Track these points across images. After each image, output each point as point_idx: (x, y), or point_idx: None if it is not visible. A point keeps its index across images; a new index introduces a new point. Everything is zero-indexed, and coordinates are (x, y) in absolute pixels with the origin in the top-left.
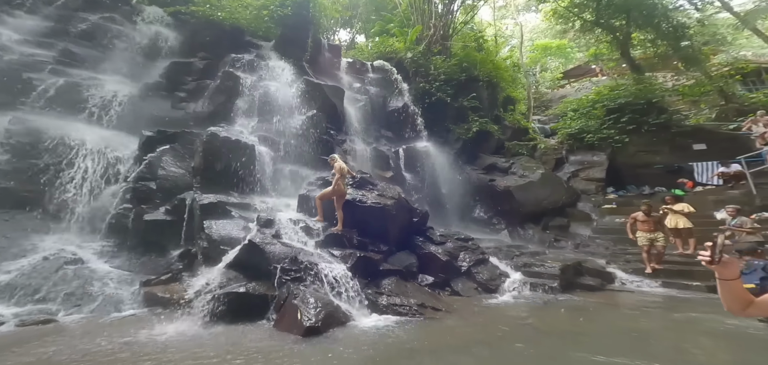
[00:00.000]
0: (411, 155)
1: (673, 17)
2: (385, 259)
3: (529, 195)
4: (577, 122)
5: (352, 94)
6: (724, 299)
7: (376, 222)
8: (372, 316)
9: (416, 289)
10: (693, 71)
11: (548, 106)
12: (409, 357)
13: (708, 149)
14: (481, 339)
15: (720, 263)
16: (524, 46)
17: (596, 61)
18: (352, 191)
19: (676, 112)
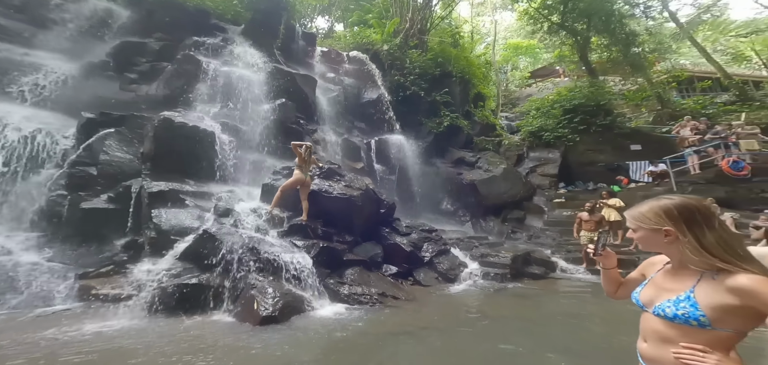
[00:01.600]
0: (383, 146)
1: (627, 24)
2: (350, 249)
3: (492, 189)
4: (537, 121)
5: (326, 84)
6: (604, 284)
7: (341, 213)
8: (333, 305)
9: (379, 279)
10: (638, 77)
11: (516, 103)
12: (361, 342)
13: (643, 149)
14: (432, 325)
15: (603, 255)
16: (498, 44)
17: (560, 63)
18: (318, 181)
19: (620, 115)
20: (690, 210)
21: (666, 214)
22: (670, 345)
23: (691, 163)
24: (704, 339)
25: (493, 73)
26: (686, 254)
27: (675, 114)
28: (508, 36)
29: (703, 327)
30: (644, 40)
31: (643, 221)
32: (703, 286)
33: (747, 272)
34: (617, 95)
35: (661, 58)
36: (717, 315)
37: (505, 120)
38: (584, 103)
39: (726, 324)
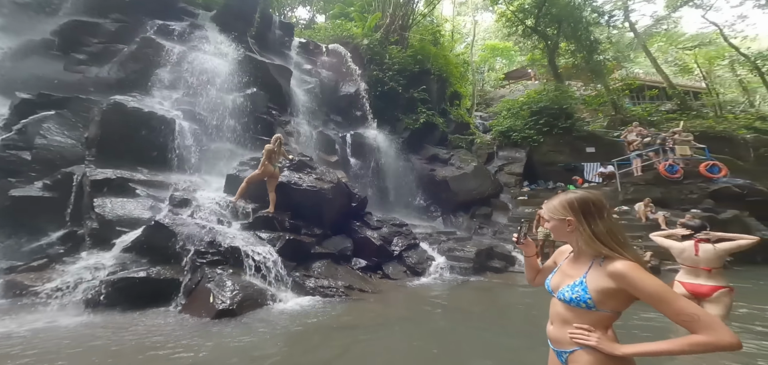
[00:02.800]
0: (359, 141)
1: (592, 32)
2: (319, 243)
3: (463, 186)
4: (507, 121)
5: (302, 75)
6: (526, 271)
7: (311, 206)
8: (298, 298)
9: (347, 272)
10: (597, 83)
11: (490, 103)
12: (320, 334)
13: (596, 151)
14: (395, 317)
15: (524, 244)
16: (476, 45)
17: (532, 65)
18: (287, 173)
19: (580, 119)
20: (587, 203)
21: (569, 206)
22: (567, 326)
23: (635, 166)
24: (590, 319)
25: (471, 73)
26: (582, 242)
27: (626, 119)
28: (486, 37)
29: (589, 309)
30: (606, 48)
31: (553, 212)
32: (592, 272)
33: (624, 258)
34: (578, 100)
35: (619, 66)
36: (600, 297)
37: (479, 119)
38: (549, 106)
39: (606, 305)
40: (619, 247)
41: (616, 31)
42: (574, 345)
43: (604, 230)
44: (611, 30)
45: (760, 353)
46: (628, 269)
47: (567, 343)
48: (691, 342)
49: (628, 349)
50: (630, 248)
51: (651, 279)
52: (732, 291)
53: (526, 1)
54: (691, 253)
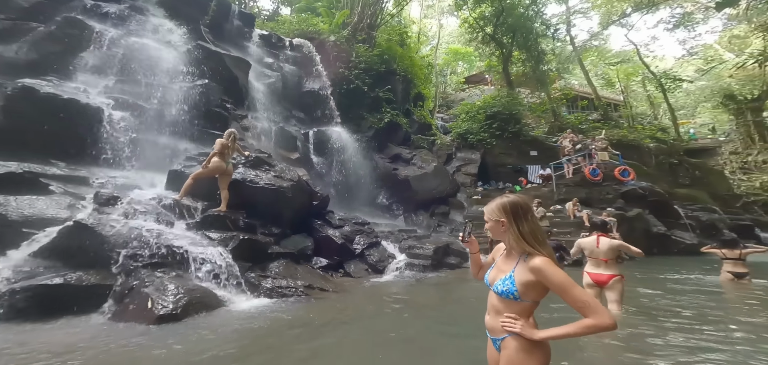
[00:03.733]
0: (322, 138)
1: (540, 43)
2: (277, 242)
3: (424, 185)
4: (465, 124)
5: (263, 69)
6: (471, 266)
7: (269, 204)
8: (254, 299)
9: (307, 271)
10: (541, 92)
11: (451, 106)
12: (274, 334)
13: (538, 155)
14: (354, 314)
15: (468, 242)
16: (441, 48)
17: (489, 71)
18: (243, 170)
19: (526, 124)
20: (516, 207)
21: (502, 208)
22: (500, 316)
23: (567, 169)
24: (516, 309)
25: (434, 76)
26: (511, 240)
27: (562, 126)
28: (450, 41)
29: (516, 300)
30: (550, 59)
31: (491, 214)
32: (519, 267)
33: (541, 255)
34: (526, 106)
35: (560, 77)
36: (523, 289)
37: (440, 121)
38: (502, 111)
39: (528, 296)
40: (539, 245)
41: (560, 45)
42: (505, 333)
43: (529, 231)
44: (555, 43)
45: (642, 331)
46: (544, 264)
47: (499, 331)
48: (584, 325)
49: (542, 334)
50: (546, 245)
51: (559, 272)
52: (623, 279)
53: (486, 10)
54: (593, 246)
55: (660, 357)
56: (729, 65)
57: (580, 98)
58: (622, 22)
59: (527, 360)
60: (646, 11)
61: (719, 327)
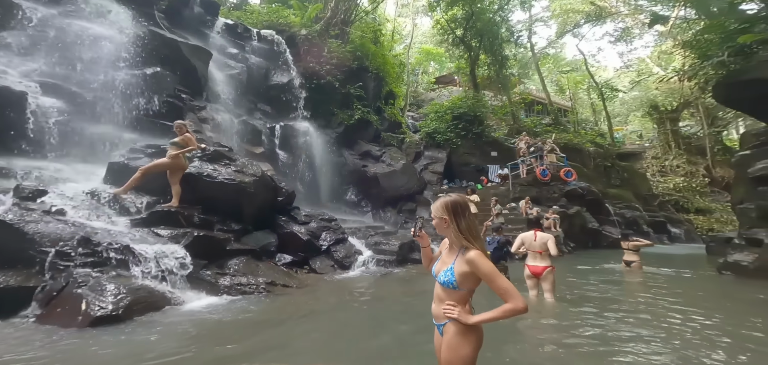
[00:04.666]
0: (289, 133)
1: (504, 48)
2: (238, 239)
3: (392, 182)
4: (434, 123)
5: (226, 59)
6: (422, 259)
7: (228, 199)
8: (209, 298)
9: (270, 268)
10: (503, 95)
11: (421, 105)
12: (229, 330)
13: (498, 156)
14: (314, 309)
15: (419, 236)
16: (414, 47)
17: (458, 73)
18: (199, 164)
19: (489, 126)
20: (455, 204)
21: (444, 207)
22: (442, 304)
23: (522, 169)
24: (455, 297)
25: (406, 74)
26: (452, 235)
27: (520, 129)
28: (424, 41)
29: (455, 289)
30: (513, 64)
31: (436, 212)
32: (458, 259)
33: (475, 248)
34: (489, 109)
35: (520, 82)
36: (461, 279)
37: (410, 119)
38: (467, 112)
39: (465, 285)
40: (474, 240)
41: (521, 51)
42: (445, 319)
43: (466, 227)
44: (518, 49)
45: (570, 310)
46: (476, 257)
47: (442, 317)
48: (504, 309)
49: (474, 319)
50: (480, 240)
51: (488, 264)
52: (554, 269)
53: (458, 12)
54: (531, 240)
55: (576, 331)
56: (655, 78)
57: (536, 103)
58: (575, 32)
59: (463, 342)
60: (595, 24)
61: (619, 304)
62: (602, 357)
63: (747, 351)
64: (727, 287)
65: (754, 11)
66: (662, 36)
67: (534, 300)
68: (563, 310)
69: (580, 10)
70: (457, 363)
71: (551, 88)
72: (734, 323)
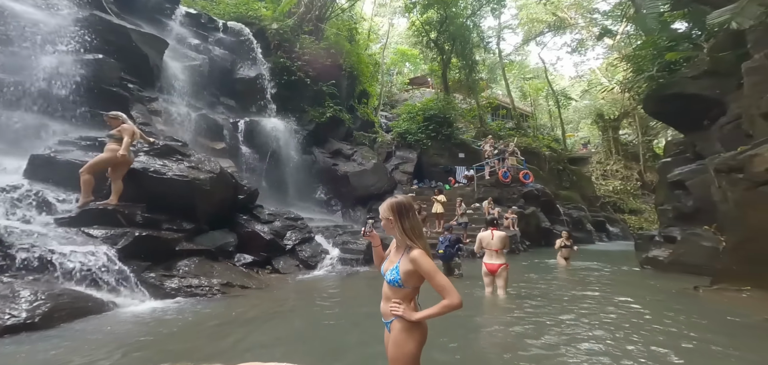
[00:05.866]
0: (255, 129)
1: (475, 53)
2: (190, 238)
3: (362, 181)
4: (405, 124)
5: (185, 49)
6: (374, 258)
7: (180, 197)
8: (152, 301)
9: (227, 269)
10: (472, 99)
11: (394, 105)
12: (162, 336)
13: (466, 157)
14: (271, 310)
15: (370, 235)
16: (389, 47)
17: (431, 75)
18: (145, 159)
19: (458, 128)
20: (400, 205)
21: (390, 207)
22: (389, 302)
23: (487, 171)
24: (400, 295)
25: (381, 74)
26: (397, 235)
27: (486, 132)
28: (400, 42)
29: (400, 287)
30: (482, 69)
31: (382, 213)
32: (403, 258)
33: (418, 247)
34: (458, 111)
35: (488, 86)
36: (405, 277)
37: (384, 119)
38: (438, 114)
39: (409, 283)
40: (418, 239)
41: (491, 56)
42: (391, 316)
43: (410, 227)
44: (487, 54)
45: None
46: (419, 256)
47: (389, 315)
48: (443, 305)
49: (417, 315)
50: (423, 239)
51: (429, 262)
52: (507, 267)
53: (433, 15)
54: (489, 239)
55: (519, 320)
56: (601, 89)
57: (501, 107)
58: (539, 41)
59: (407, 338)
60: (557, 34)
61: (560, 297)
62: (546, 346)
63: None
64: (646, 279)
65: (682, 30)
66: (610, 49)
67: (489, 295)
68: (513, 304)
69: (544, 20)
70: (402, 358)
71: (515, 94)
72: (650, 310)
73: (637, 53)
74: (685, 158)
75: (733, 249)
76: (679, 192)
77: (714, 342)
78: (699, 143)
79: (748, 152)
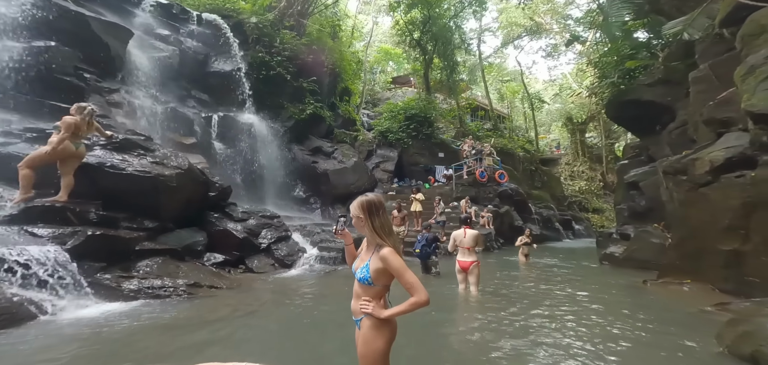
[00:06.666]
0: (230, 124)
1: (456, 54)
2: (152, 238)
3: (342, 179)
4: (387, 123)
5: (154, 40)
6: (347, 257)
7: (141, 194)
8: (107, 304)
9: (195, 268)
10: (452, 99)
11: (377, 103)
12: (113, 341)
13: (445, 157)
14: (242, 310)
15: (341, 234)
16: (373, 46)
17: (413, 74)
18: (101, 153)
19: (438, 128)
20: (370, 203)
21: (360, 206)
22: (359, 299)
23: (465, 171)
24: (371, 292)
25: (364, 72)
26: (368, 233)
27: (465, 133)
28: (384, 40)
29: (370, 285)
30: (462, 70)
31: (353, 211)
32: (373, 257)
33: (388, 245)
34: (439, 111)
35: (468, 88)
36: (375, 275)
37: (366, 117)
38: (419, 113)
39: (379, 281)
40: (387, 237)
41: (471, 58)
42: (361, 314)
43: (380, 225)
44: (467, 56)
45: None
46: (388, 254)
47: (358, 313)
48: (411, 303)
49: (386, 313)
50: (393, 237)
51: (398, 260)
52: (479, 264)
53: (416, 15)
54: (462, 237)
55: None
56: (570, 93)
57: (479, 108)
58: (517, 44)
59: (377, 335)
60: (533, 38)
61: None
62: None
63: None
64: (603, 275)
65: (643, 39)
66: (581, 55)
67: (463, 292)
68: (484, 298)
69: (522, 24)
70: (371, 355)
71: (493, 95)
72: (601, 304)
73: (602, 60)
74: (640, 160)
75: (676, 246)
76: (634, 192)
77: (654, 332)
78: (652, 147)
79: (691, 155)
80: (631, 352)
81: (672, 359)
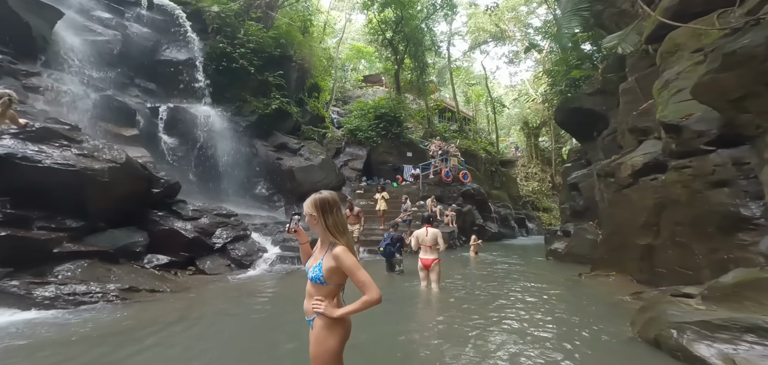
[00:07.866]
0: (181, 116)
1: (426, 56)
2: (77, 238)
3: (308, 177)
4: (356, 121)
5: (91, 23)
6: (301, 256)
7: (65, 190)
8: (19, 314)
9: (131, 271)
10: (421, 100)
11: (347, 101)
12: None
13: (413, 156)
14: (184, 316)
15: (295, 233)
16: (345, 43)
17: (384, 74)
18: (12, 143)
19: (407, 127)
20: (324, 201)
21: (313, 204)
22: (311, 299)
23: (432, 171)
24: (323, 292)
25: (334, 69)
26: (320, 231)
27: (433, 133)
28: (356, 38)
29: (322, 284)
30: (432, 72)
31: (306, 209)
32: (326, 255)
33: (340, 244)
34: (409, 112)
35: (437, 89)
36: (328, 274)
37: (336, 115)
38: (388, 113)
39: (332, 280)
40: (341, 236)
41: (441, 60)
42: (314, 314)
43: (333, 223)
44: (437, 58)
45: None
46: (340, 252)
47: (310, 312)
48: (363, 301)
49: (338, 312)
50: (346, 236)
51: (351, 258)
52: (440, 261)
53: (390, 15)
54: (424, 236)
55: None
56: (527, 99)
57: (446, 110)
58: (483, 49)
59: (329, 335)
60: (498, 44)
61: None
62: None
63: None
64: (546, 269)
65: (588, 51)
66: (538, 63)
67: (424, 289)
68: (444, 294)
69: (489, 30)
70: (323, 355)
71: (460, 98)
72: (540, 296)
73: (554, 69)
74: (581, 164)
75: (604, 241)
76: (574, 193)
77: (578, 321)
78: (590, 151)
79: (618, 160)
80: (555, 339)
81: (590, 342)
